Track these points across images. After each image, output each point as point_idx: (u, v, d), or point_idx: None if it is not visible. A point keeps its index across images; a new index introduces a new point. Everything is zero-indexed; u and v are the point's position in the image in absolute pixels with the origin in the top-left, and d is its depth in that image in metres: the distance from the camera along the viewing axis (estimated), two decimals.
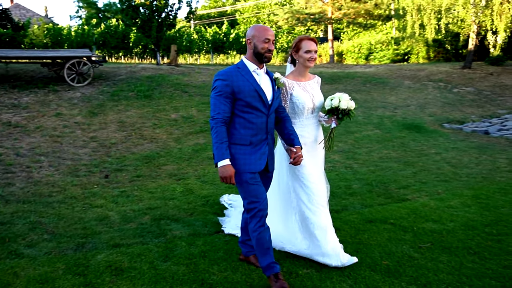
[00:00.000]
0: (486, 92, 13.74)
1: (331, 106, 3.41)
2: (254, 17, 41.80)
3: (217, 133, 2.77)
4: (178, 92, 11.00)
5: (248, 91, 2.83)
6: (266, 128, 2.94)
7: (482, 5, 16.02)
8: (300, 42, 3.33)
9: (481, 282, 2.99)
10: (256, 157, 2.90)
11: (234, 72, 2.88)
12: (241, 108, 2.85)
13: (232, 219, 4.18)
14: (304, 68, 3.40)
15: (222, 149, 2.75)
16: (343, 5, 21.40)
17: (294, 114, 3.38)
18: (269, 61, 2.93)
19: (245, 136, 2.87)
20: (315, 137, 3.46)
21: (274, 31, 27.36)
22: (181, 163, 6.79)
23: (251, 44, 2.90)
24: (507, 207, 4.61)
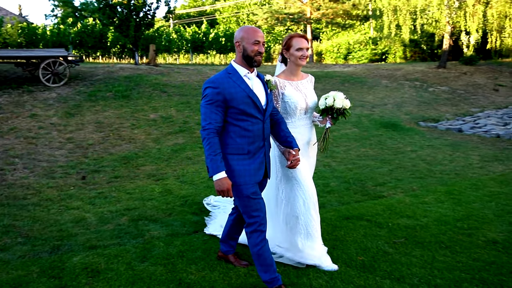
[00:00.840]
0: (460, 91, 14.11)
1: (326, 106, 3.32)
2: (233, 17, 41.76)
3: (210, 144, 2.60)
4: (157, 92, 10.91)
5: (241, 98, 2.69)
6: (263, 135, 2.82)
7: (456, 7, 16.45)
8: (290, 39, 3.21)
9: (451, 274, 3.09)
10: (255, 167, 2.78)
11: (225, 78, 2.71)
12: (235, 116, 2.70)
13: (218, 220, 4.13)
14: (296, 67, 3.27)
15: (217, 161, 2.60)
16: (322, 5, 21.60)
17: (286, 114, 3.25)
18: (259, 65, 2.79)
19: (242, 145, 2.73)
20: (309, 139, 3.35)
21: None
22: (160, 163, 6.75)
23: (240, 46, 2.75)
24: (478, 202, 4.76)
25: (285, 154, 3.02)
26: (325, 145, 3.39)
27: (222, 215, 4.13)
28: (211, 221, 4.15)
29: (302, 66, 3.30)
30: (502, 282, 2.96)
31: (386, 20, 18.16)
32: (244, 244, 3.45)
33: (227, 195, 2.65)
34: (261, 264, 2.78)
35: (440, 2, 16.56)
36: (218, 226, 3.96)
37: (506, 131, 9.24)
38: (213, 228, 3.96)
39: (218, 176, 2.61)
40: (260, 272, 2.80)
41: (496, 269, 3.16)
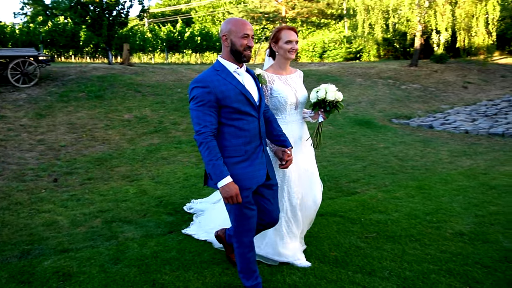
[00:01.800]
0: (431, 89, 14.48)
1: (317, 99, 3.21)
2: (209, 16, 41.55)
3: (209, 149, 2.39)
4: (131, 92, 10.77)
5: (234, 95, 2.49)
6: (259, 133, 2.65)
7: (426, 6, 16.86)
8: (279, 32, 3.10)
9: (420, 266, 3.18)
10: (254, 168, 2.59)
11: (213, 76, 2.51)
12: (229, 115, 2.51)
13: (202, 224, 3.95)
14: (285, 60, 3.15)
15: (220, 166, 2.40)
16: (297, 4, 21.78)
17: (276, 110, 3.12)
18: (249, 60, 2.61)
19: (238, 147, 2.55)
20: (300, 135, 3.24)
21: None
22: (134, 164, 6.67)
23: (227, 40, 2.54)
24: (447, 196, 4.92)
25: (278, 154, 2.90)
26: (319, 141, 3.27)
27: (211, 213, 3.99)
28: (199, 221, 4.02)
29: (291, 60, 3.20)
30: (467, 272, 3.08)
31: (359, 19, 18.45)
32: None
33: (236, 201, 2.45)
34: (243, 268, 2.72)
35: (411, 2, 16.95)
36: (201, 230, 3.82)
37: (474, 127, 9.55)
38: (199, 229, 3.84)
39: (224, 182, 2.40)
40: (242, 278, 2.75)
41: (462, 259, 3.28)
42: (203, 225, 3.90)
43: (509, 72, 17.30)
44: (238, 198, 2.45)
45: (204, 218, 4.04)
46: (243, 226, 2.63)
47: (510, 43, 22.54)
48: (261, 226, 2.89)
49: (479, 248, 3.50)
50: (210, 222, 3.85)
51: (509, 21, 21.00)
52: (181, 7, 46.13)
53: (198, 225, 3.96)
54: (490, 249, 3.47)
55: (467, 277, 3.02)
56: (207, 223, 3.90)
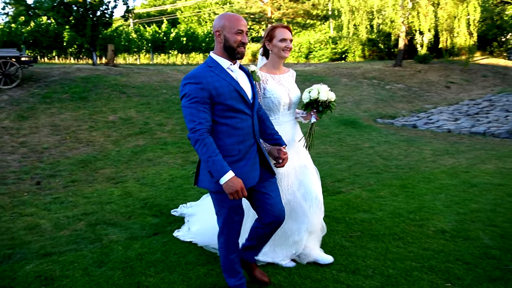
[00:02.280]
0: (415, 89, 14.69)
1: (310, 99, 3.15)
2: (195, 16, 41.42)
3: (206, 146, 2.30)
4: (116, 93, 10.66)
5: (227, 92, 2.42)
6: (253, 132, 2.57)
7: (409, 7, 17.10)
8: (273, 30, 3.04)
9: (403, 264, 3.23)
10: (247, 169, 2.50)
11: (206, 72, 2.43)
12: (222, 113, 2.43)
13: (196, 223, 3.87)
14: (279, 59, 3.09)
15: (220, 162, 2.30)
16: (282, 5, 21.91)
17: (269, 110, 3.05)
18: (243, 57, 2.52)
19: (231, 146, 2.46)
20: (293, 136, 3.18)
21: None
22: (119, 166, 6.61)
23: (220, 36, 2.47)
24: (430, 194, 4.99)
25: (273, 153, 2.82)
26: (311, 141, 3.22)
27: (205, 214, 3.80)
28: (191, 222, 3.92)
29: (285, 59, 3.15)
30: (449, 269, 3.13)
31: (344, 20, 18.62)
32: None
33: (242, 195, 2.35)
34: (227, 267, 2.71)
35: (394, 3, 17.18)
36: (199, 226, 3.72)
37: (456, 126, 9.73)
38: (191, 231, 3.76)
39: (227, 177, 2.30)
40: (226, 276, 2.75)
41: (444, 256, 3.34)
42: (191, 225, 3.89)
43: (490, 72, 17.65)
44: (244, 192, 2.35)
45: (193, 220, 4.02)
46: (230, 230, 2.59)
47: (491, 44, 23.03)
48: (267, 228, 2.72)
49: (460, 245, 3.57)
50: (197, 222, 3.84)
51: (489, 22, 21.45)
52: (167, 7, 45.89)
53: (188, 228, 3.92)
54: (471, 245, 3.53)
55: (448, 273, 3.08)
56: (194, 223, 3.89)
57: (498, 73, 18.71)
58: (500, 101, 13.14)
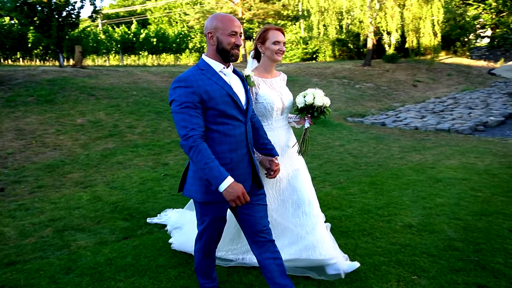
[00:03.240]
0: (384, 87, 15.04)
1: (305, 104, 3.05)
2: (165, 17, 40.95)
3: (200, 152, 2.16)
4: (84, 96, 10.41)
5: (219, 96, 2.28)
6: (246, 140, 2.42)
7: (377, 8, 17.50)
8: (266, 32, 2.92)
9: (372, 259, 3.31)
10: (239, 179, 2.32)
11: (197, 75, 2.29)
12: (213, 119, 2.29)
13: (185, 230, 3.65)
14: (271, 63, 2.98)
15: (218, 168, 2.16)
16: (253, 6, 21.95)
17: (262, 116, 2.93)
18: (237, 59, 2.40)
19: (222, 154, 2.31)
20: (287, 142, 3.08)
21: (186, 30, 27.23)
22: (88, 170, 6.46)
23: (213, 38, 2.33)
24: (397, 190, 5.13)
25: (265, 163, 2.70)
26: (305, 147, 3.11)
27: (190, 226, 3.57)
28: (177, 232, 3.73)
29: (278, 62, 3.06)
30: (415, 262, 3.23)
31: (314, 20, 18.86)
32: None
33: (244, 201, 2.20)
34: (201, 270, 2.67)
35: (362, 4, 17.54)
36: (184, 239, 3.50)
37: (423, 124, 10.02)
38: (180, 241, 3.56)
39: (226, 183, 2.15)
40: (198, 275, 2.70)
41: (411, 250, 3.44)
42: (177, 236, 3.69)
43: (454, 71, 18.29)
44: (246, 197, 2.20)
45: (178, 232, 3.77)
46: (210, 237, 2.51)
47: (455, 44, 23.87)
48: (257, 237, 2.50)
49: (426, 238, 3.68)
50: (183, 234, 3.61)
51: (452, 23, 22.22)
52: (136, 8, 45.16)
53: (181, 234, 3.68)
54: (436, 238, 3.66)
55: (414, 266, 3.17)
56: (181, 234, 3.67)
57: (461, 72, 19.41)
58: (464, 99, 13.63)
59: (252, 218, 2.47)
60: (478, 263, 3.18)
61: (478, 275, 3.01)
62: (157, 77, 13.52)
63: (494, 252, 3.36)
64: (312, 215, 3.06)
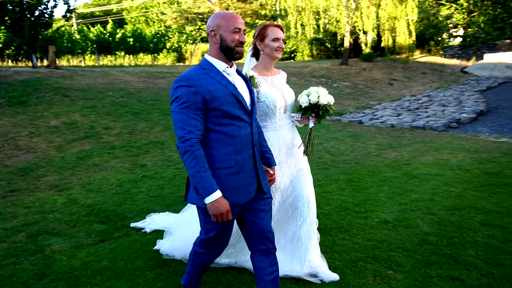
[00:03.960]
0: (361, 86, 15.26)
1: (309, 103, 2.98)
2: (142, 17, 40.44)
3: (196, 158, 2.09)
4: (59, 97, 10.18)
5: (223, 96, 2.20)
6: (251, 141, 2.33)
7: (353, 8, 17.73)
8: (265, 29, 2.86)
9: (349, 256, 3.36)
10: (245, 183, 2.27)
11: (200, 74, 2.21)
12: (217, 120, 2.20)
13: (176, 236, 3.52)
14: (271, 60, 2.90)
15: (208, 179, 2.09)
16: (230, 5, 21.93)
17: (265, 116, 2.84)
18: (242, 57, 2.33)
19: (227, 156, 2.23)
20: (292, 140, 2.98)
21: (163, 30, 26.96)
22: (63, 172, 6.33)
23: (216, 36, 2.27)
24: (374, 187, 5.22)
25: None
26: (311, 148, 3.04)
27: (180, 231, 3.51)
28: (166, 237, 3.59)
29: (277, 60, 2.97)
30: (391, 257, 3.30)
31: (291, 19, 18.97)
32: None
33: (226, 219, 2.15)
34: (193, 270, 2.53)
35: (339, 3, 17.75)
36: (176, 243, 3.37)
37: (398, 121, 10.22)
38: (169, 244, 3.43)
39: (213, 196, 2.10)
40: (187, 273, 2.57)
41: (386, 245, 3.51)
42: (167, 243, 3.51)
43: (429, 70, 18.70)
44: (229, 215, 2.14)
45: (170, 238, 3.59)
46: (216, 246, 2.39)
47: (429, 43, 24.41)
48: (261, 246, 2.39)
49: (401, 233, 3.76)
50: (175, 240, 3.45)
51: (426, 23, 22.72)
52: (112, 7, 44.43)
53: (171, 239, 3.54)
54: (411, 233, 3.74)
55: (390, 261, 3.24)
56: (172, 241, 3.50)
57: (435, 70, 19.87)
58: (438, 97, 13.96)
59: (257, 225, 2.37)
60: (451, 256, 3.27)
61: (451, 268, 3.09)
62: (134, 77, 13.35)
63: (466, 245, 3.45)
64: (308, 222, 2.99)
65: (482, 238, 3.58)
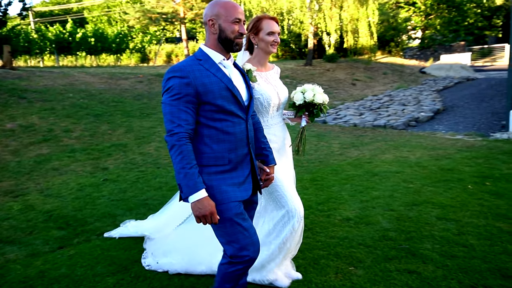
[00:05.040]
0: (325, 86, 15.51)
1: (304, 101, 2.87)
2: (104, 16, 39.41)
3: (182, 154, 1.96)
4: (14, 99, 9.75)
5: (218, 90, 2.07)
6: (246, 139, 2.20)
7: (316, 9, 18.03)
8: (260, 22, 2.71)
9: (311, 253, 3.41)
10: (240, 181, 2.16)
11: (194, 65, 2.08)
12: (210, 115, 2.09)
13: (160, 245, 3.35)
14: (265, 55, 2.77)
15: (194, 176, 1.96)
16: (194, 5, 21.74)
17: (258, 113, 2.72)
18: (241, 49, 2.21)
19: (220, 153, 2.11)
20: (283, 139, 2.91)
21: (126, 30, 26.38)
22: (19, 177, 6.06)
23: (214, 26, 2.13)
24: (337, 185, 5.33)
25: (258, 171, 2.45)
26: (303, 147, 2.97)
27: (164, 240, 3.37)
28: (150, 247, 3.39)
29: (272, 54, 2.83)
30: (352, 254, 3.38)
31: None
32: None
33: (211, 221, 2.00)
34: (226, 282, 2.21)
35: (302, 5, 17.99)
36: (160, 253, 3.22)
37: (361, 120, 10.48)
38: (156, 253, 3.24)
39: (197, 196, 1.96)
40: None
41: (348, 242, 3.59)
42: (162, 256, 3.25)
43: (389, 70, 19.29)
44: (214, 217, 1.99)
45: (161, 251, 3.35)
46: (237, 235, 2.11)
47: (389, 44, 25.19)
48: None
49: (362, 230, 3.86)
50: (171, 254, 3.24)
51: (386, 24, 23.44)
52: (72, 6, 43.03)
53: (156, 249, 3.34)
54: (372, 230, 3.84)
55: (351, 258, 3.31)
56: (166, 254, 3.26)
57: (396, 71, 20.53)
58: (398, 96, 14.43)
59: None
60: (409, 251, 3.38)
61: (408, 262, 3.20)
62: (96, 78, 12.99)
63: (423, 239, 3.59)
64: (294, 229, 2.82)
65: (438, 232, 3.73)
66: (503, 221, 3.93)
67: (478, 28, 28.54)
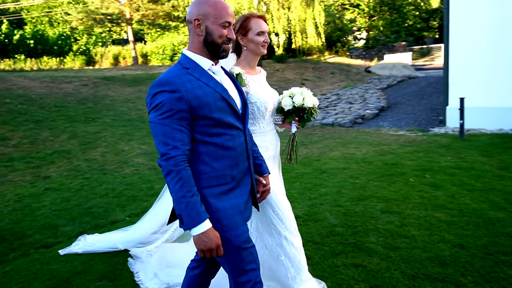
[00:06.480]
0: (275, 87, 15.47)
1: (294, 106, 2.65)
2: (45, 17, 37.48)
3: (181, 180, 1.72)
4: None
5: (213, 101, 1.82)
6: (246, 151, 1.97)
7: (264, 10, 18.22)
8: (248, 21, 2.47)
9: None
10: (245, 199, 1.95)
11: (183, 76, 1.81)
12: (207, 130, 1.83)
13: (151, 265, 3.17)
14: (255, 57, 2.55)
15: (196, 206, 1.72)
16: (141, 6, 21.23)
17: (253, 119, 2.51)
18: (227, 56, 1.95)
19: (222, 171, 1.87)
20: (276, 146, 2.70)
21: (68, 32, 25.26)
22: None
23: (200, 27, 1.85)
24: (286, 184, 5.13)
25: None
26: (295, 155, 2.81)
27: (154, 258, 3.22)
28: (139, 266, 3.20)
29: (261, 56, 2.62)
30: None
31: None
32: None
33: (216, 254, 1.78)
34: None
35: (250, 6, 18.10)
36: (151, 274, 3.04)
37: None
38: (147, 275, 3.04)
39: (201, 228, 1.73)
40: None
41: None
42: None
43: (337, 69, 19.87)
44: (219, 250, 1.78)
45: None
46: (243, 261, 1.90)
47: (336, 44, 25.98)
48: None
49: (311, 227, 3.92)
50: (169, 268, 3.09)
51: (333, 25, 24.15)
52: (8, 6, 40.54)
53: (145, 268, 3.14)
54: (320, 226, 3.92)
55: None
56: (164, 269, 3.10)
57: (343, 70, 21.19)
58: (345, 95, 14.89)
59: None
60: (355, 245, 3.48)
61: (354, 256, 3.29)
62: (36, 82, 12.31)
63: (368, 233, 3.71)
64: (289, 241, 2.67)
65: (382, 225, 3.87)
66: (441, 211, 4.16)
67: (417, 29, 30.18)
